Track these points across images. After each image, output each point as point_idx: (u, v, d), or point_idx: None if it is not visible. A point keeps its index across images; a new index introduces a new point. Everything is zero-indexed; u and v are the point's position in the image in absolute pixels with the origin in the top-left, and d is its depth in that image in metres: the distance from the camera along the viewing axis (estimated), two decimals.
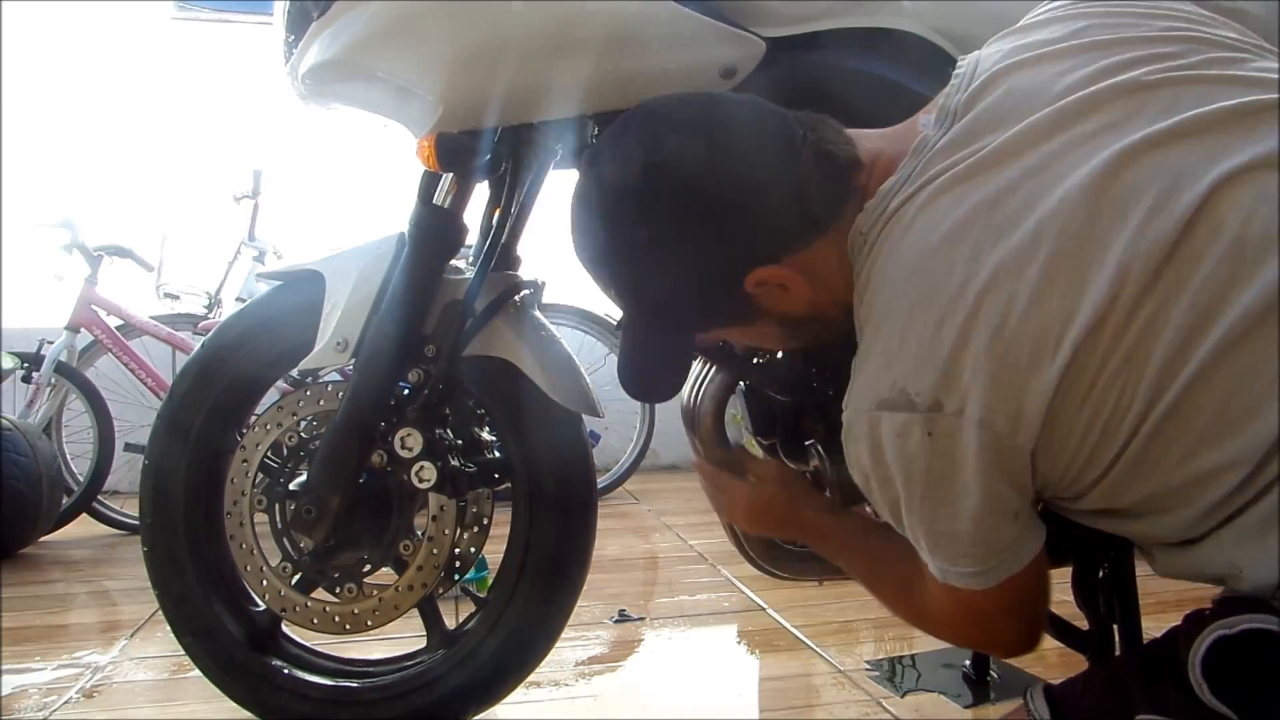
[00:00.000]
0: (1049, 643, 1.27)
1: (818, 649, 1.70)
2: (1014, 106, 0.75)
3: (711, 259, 0.81)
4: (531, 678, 1.30)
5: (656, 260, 0.82)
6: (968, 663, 1.53)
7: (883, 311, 0.75)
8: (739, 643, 1.80)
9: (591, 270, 0.89)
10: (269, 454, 1.24)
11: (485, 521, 1.29)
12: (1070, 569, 1.12)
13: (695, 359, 1.07)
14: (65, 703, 1.53)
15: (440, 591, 1.27)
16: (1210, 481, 0.66)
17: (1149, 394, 0.66)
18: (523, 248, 1.27)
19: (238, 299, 3.14)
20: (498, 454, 1.29)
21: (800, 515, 1.03)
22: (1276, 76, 0.71)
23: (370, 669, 1.32)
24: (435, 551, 1.21)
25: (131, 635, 1.88)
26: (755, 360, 1.12)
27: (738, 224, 0.79)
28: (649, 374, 0.93)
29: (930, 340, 0.70)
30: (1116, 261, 0.66)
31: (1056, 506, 0.80)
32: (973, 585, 0.77)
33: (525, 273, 1.28)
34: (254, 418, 1.27)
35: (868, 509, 1.19)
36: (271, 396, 1.33)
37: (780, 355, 1.13)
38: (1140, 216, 0.66)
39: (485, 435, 1.30)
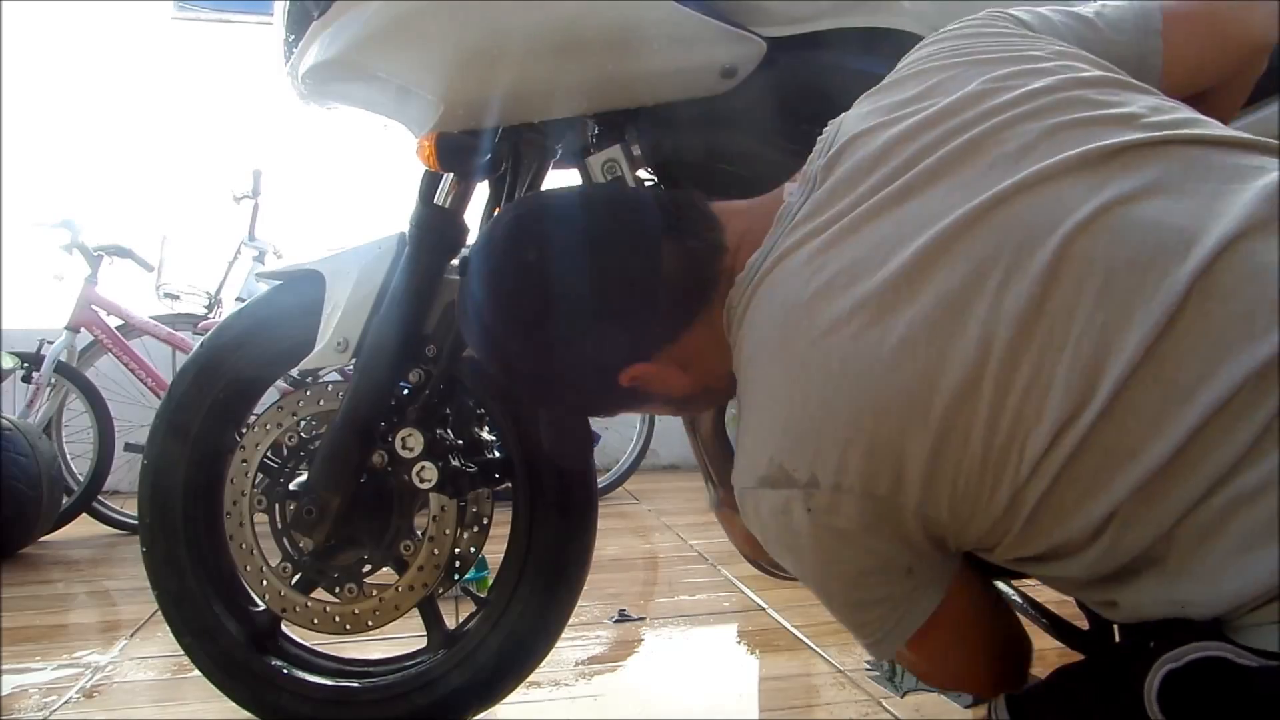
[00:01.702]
0: (1049, 642, 1.28)
1: (818, 649, 1.70)
2: (868, 170, 0.75)
3: (582, 363, 0.84)
4: (531, 678, 1.30)
5: (537, 365, 0.86)
6: None
7: (752, 387, 0.75)
8: (739, 643, 1.80)
9: (496, 374, 0.96)
10: (269, 454, 1.24)
11: (485, 521, 1.29)
12: None
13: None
14: (65, 703, 1.53)
15: (440, 591, 1.27)
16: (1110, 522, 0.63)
17: (1042, 445, 0.63)
18: None
19: (238, 299, 3.14)
20: (498, 454, 1.29)
21: None
22: (1130, 111, 0.70)
23: (370, 669, 1.32)
24: (436, 552, 1.21)
25: (131, 635, 1.88)
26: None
27: (601, 330, 0.82)
28: (569, 447, 1.04)
29: (799, 415, 0.69)
30: (980, 323, 0.64)
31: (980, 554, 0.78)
32: (895, 644, 0.77)
33: None
34: (254, 418, 1.26)
35: None
36: (271, 396, 1.33)
37: None
38: (999, 277, 0.65)
39: (485, 435, 1.30)
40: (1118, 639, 1.08)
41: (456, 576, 1.27)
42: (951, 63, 0.80)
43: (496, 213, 0.96)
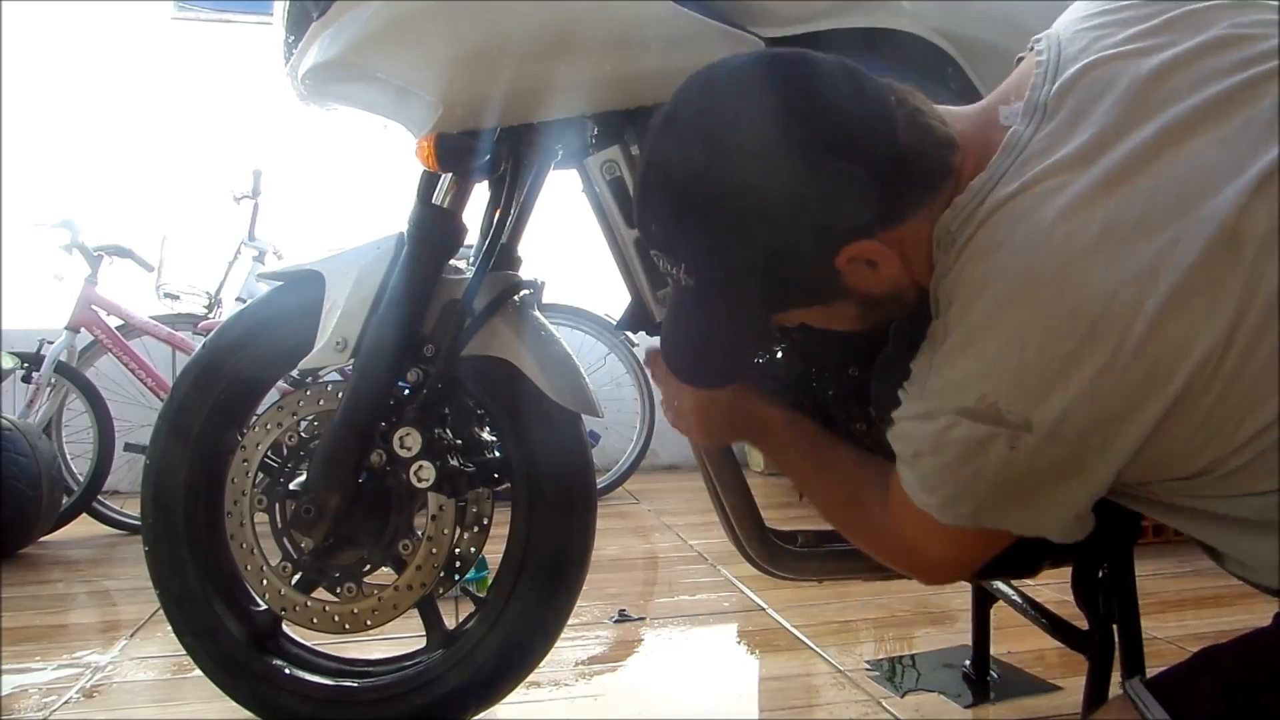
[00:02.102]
0: (1049, 642, 1.28)
1: (818, 649, 1.70)
2: (1118, 108, 0.72)
3: (806, 232, 0.74)
4: (531, 678, 1.30)
5: (746, 232, 0.75)
6: (968, 663, 1.53)
7: (982, 316, 0.71)
8: (739, 643, 1.80)
9: (663, 243, 0.81)
10: (269, 454, 1.24)
11: (485, 521, 1.29)
12: (1070, 569, 1.12)
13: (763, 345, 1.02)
14: (65, 703, 1.53)
15: (440, 591, 1.27)
16: None
17: (1262, 422, 0.66)
18: (523, 248, 1.27)
19: (238, 299, 3.14)
20: (497, 454, 1.29)
21: (750, 410, 0.99)
22: None
23: (370, 669, 1.32)
24: (434, 551, 1.21)
25: (131, 635, 1.88)
26: (755, 360, 1.12)
27: (838, 193, 0.73)
28: (719, 360, 0.89)
29: (1034, 361, 0.68)
30: (1235, 298, 0.65)
31: (1134, 494, 0.79)
32: (951, 522, 0.78)
33: (525, 273, 1.28)
34: (254, 418, 1.27)
35: None
36: (272, 396, 1.33)
37: (780, 355, 1.13)
38: (1257, 252, 0.65)
39: (485, 435, 1.30)
40: (1117, 640, 1.09)
41: (456, 576, 1.28)
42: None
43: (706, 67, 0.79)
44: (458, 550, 1.27)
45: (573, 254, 2.55)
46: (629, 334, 3.08)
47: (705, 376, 0.94)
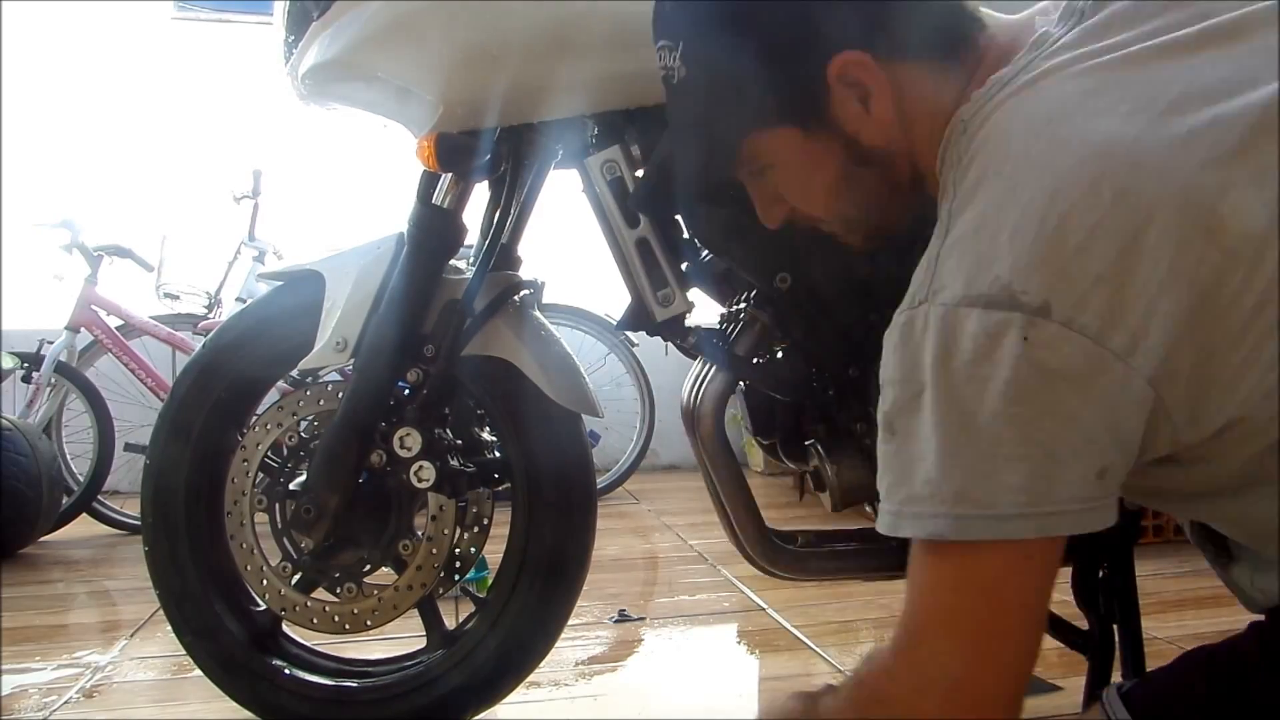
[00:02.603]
0: (1049, 642, 1.27)
1: (818, 649, 1.70)
2: (1157, 8, 0.67)
3: (805, 25, 0.72)
4: (531, 678, 1.30)
5: (746, 14, 0.74)
6: None
7: (992, 195, 0.64)
8: (739, 643, 1.80)
9: (669, 17, 0.80)
10: (269, 454, 1.24)
11: (485, 521, 1.29)
12: (1070, 569, 1.12)
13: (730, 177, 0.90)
14: (65, 703, 1.53)
15: (440, 591, 1.27)
16: None
17: None
18: (523, 248, 1.27)
19: (238, 299, 3.14)
20: (497, 454, 1.29)
21: None
22: None
23: (370, 669, 1.32)
24: (435, 551, 1.21)
25: (131, 635, 1.88)
26: (755, 360, 1.12)
27: None
28: (687, 160, 0.84)
29: (1053, 234, 0.60)
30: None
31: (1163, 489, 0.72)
32: (983, 535, 0.61)
33: (525, 273, 1.28)
34: (255, 418, 1.27)
35: (867, 509, 1.19)
36: (272, 396, 1.33)
37: (780, 355, 1.13)
38: None
39: (485, 435, 1.30)
40: (1117, 639, 1.09)
41: (456, 576, 1.28)
42: None
43: None
44: (458, 550, 1.27)
45: (573, 254, 2.55)
46: (629, 334, 3.08)
47: (689, 182, 0.89)
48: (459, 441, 1.25)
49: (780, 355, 1.13)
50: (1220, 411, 0.62)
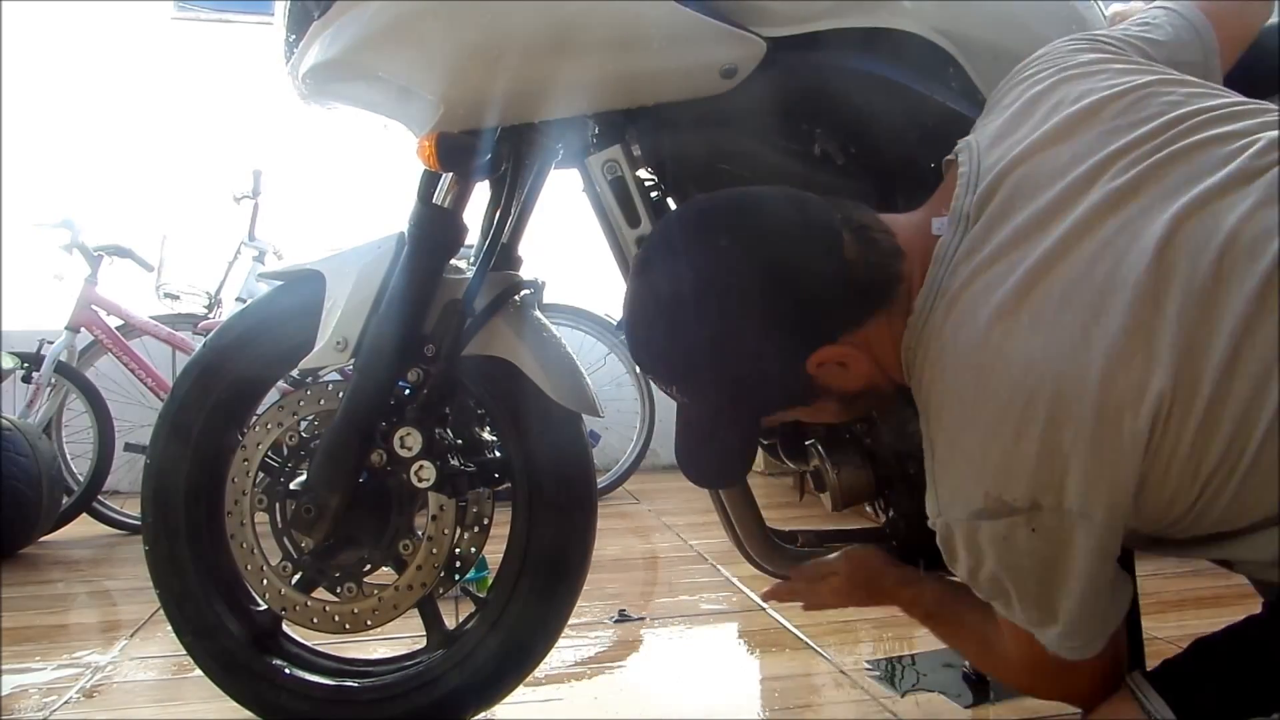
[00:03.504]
0: None
1: (818, 649, 1.70)
2: (1026, 195, 0.79)
3: (773, 348, 0.85)
4: (531, 678, 1.30)
5: (720, 358, 0.86)
6: (968, 662, 1.53)
7: (954, 424, 0.78)
8: (739, 643, 1.81)
9: (654, 374, 0.94)
10: (270, 453, 1.24)
11: (485, 521, 1.29)
12: None
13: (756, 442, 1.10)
14: (65, 703, 1.53)
15: (440, 591, 1.27)
16: None
17: (1240, 431, 0.69)
18: (523, 248, 1.27)
19: (238, 299, 3.14)
20: (497, 454, 1.29)
21: (886, 591, 1.09)
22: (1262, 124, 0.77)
23: (370, 668, 1.32)
24: (435, 551, 1.21)
25: (131, 635, 1.88)
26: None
27: (793, 310, 0.83)
28: (719, 462, 0.98)
29: (1012, 449, 0.73)
30: (1179, 332, 0.69)
31: (1155, 541, 0.84)
32: (1080, 656, 0.82)
33: (525, 273, 1.28)
34: (255, 417, 1.27)
35: (867, 509, 1.19)
36: (272, 396, 1.33)
37: None
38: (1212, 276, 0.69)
39: (485, 435, 1.30)
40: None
41: (456, 576, 1.28)
42: (1066, 77, 0.87)
43: (659, 217, 0.97)
44: (458, 550, 1.27)
45: (573, 254, 2.55)
46: None
47: (715, 478, 1.07)
48: (459, 441, 1.25)
49: None
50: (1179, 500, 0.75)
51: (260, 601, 1.27)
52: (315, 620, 1.23)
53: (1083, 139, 0.81)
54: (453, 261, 1.21)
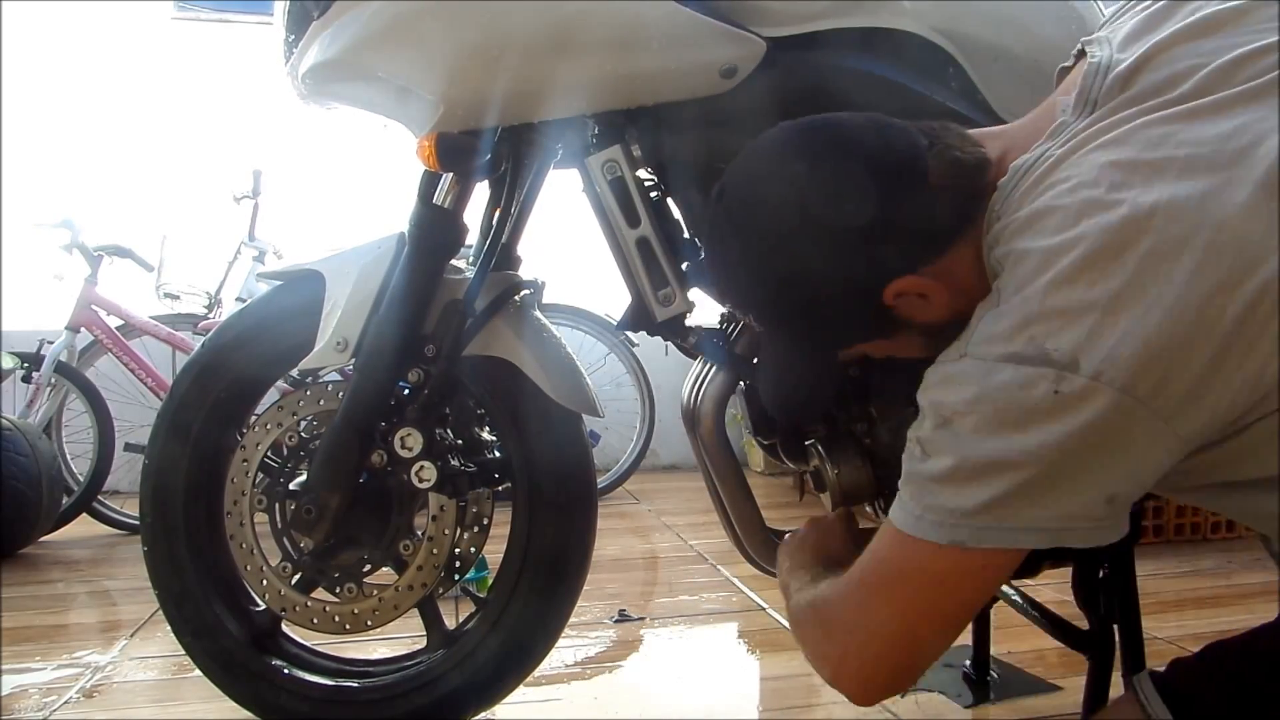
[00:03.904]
0: (1049, 642, 1.28)
1: None
2: (1161, 82, 0.74)
3: (848, 276, 0.81)
4: (531, 678, 1.30)
5: (797, 284, 0.84)
6: (968, 663, 1.53)
7: (1032, 265, 0.70)
8: (739, 643, 1.80)
9: (737, 299, 0.93)
10: (269, 454, 1.24)
11: (485, 521, 1.29)
12: (1070, 569, 1.12)
13: (842, 377, 1.04)
14: (65, 703, 1.53)
15: (440, 591, 1.27)
16: None
17: None
18: (523, 248, 1.27)
19: (238, 299, 3.14)
20: (498, 454, 1.29)
21: (802, 557, 0.99)
22: None
23: (370, 669, 1.32)
24: (435, 551, 1.21)
25: (131, 635, 1.88)
26: (755, 360, 1.12)
27: (870, 240, 0.80)
28: (798, 393, 0.94)
29: (1083, 294, 0.66)
30: None
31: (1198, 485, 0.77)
32: (962, 539, 0.71)
33: (525, 273, 1.28)
34: (254, 417, 1.27)
35: (867, 509, 1.19)
36: (272, 396, 1.33)
37: None
38: None
39: (485, 435, 1.30)
40: (1118, 639, 1.10)
41: (456, 576, 1.28)
42: None
43: (749, 143, 0.89)
44: (458, 550, 1.27)
45: (573, 254, 2.55)
46: (629, 334, 3.08)
47: (792, 410, 1.01)
48: (460, 441, 1.25)
49: None
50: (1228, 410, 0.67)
51: (260, 602, 1.27)
52: (315, 621, 1.23)
53: (1228, 34, 0.75)
54: (453, 262, 1.21)
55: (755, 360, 0.94)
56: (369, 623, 1.22)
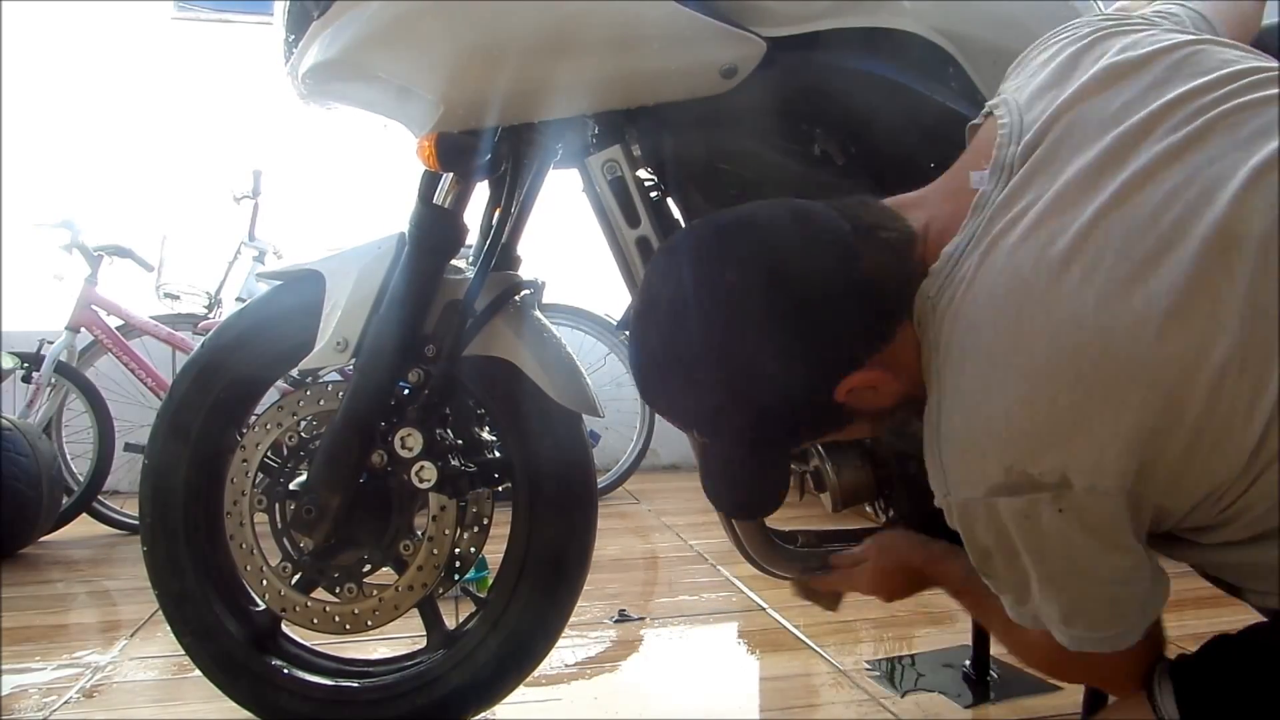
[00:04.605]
0: None
1: (818, 649, 1.70)
2: (1075, 142, 0.73)
3: (797, 385, 0.78)
4: (531, 678, 1.30)
5: (742, 401, 0.80)
6: (968, 663, 1.53)
7: (976, 386, 0.71)
8: (739, 643, 1.80)
9: (673, 419, 0.87)
10: (269, 454, 1.24)
11: (485, 521, 1.29)
12: None
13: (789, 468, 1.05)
14: (65, 703, 1.53)
15: (440, 591, 1.27)
16: None
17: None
18: (523, 248, 1.27)
19: (238, 299, 3.14)
20: (498, 454, 1.29)
21: (916, 570, 1.04)
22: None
23: (370, 669, 1.32)
24: (435, 551, 1.21)
25: (131, 635, 1.88)
26: (700, 461, 1.12)
27: (815, 343, 0.76)
28: (752, 495, 0.94)
29: (1048, 416, 0.66)
30: (1239, 301, 0.63)
31: (1185, 547, 0.81)
32: (1113, 648, 0.76)
33: (525, 273, 1.28)
34: (254, 417, 1.27)
35: (867, 509, 1.19)
36: (272, 396, 1.33)
37: None
38: (1255, 260, 0.64)
39: (485, 435, 1.30)
40: None
41: (456, 576, 1.28)
42: (1109, 33, 0.82)
43: (657, 244, 0.89)
44: (458, 550, 1.27)
45: (573, 254, 2.55)
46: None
47: (749, 510, 1.03)
48: (460, 441, 1.25)
49: None
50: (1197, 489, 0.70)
51: (260, 602, 1.27)
52: (315, 621, 1.23)
53: (1133, 86, 0.74)
54: (453, 262, 1.21)
55: (700, 461, 0.92)
56: (369, 623, 1.22)
